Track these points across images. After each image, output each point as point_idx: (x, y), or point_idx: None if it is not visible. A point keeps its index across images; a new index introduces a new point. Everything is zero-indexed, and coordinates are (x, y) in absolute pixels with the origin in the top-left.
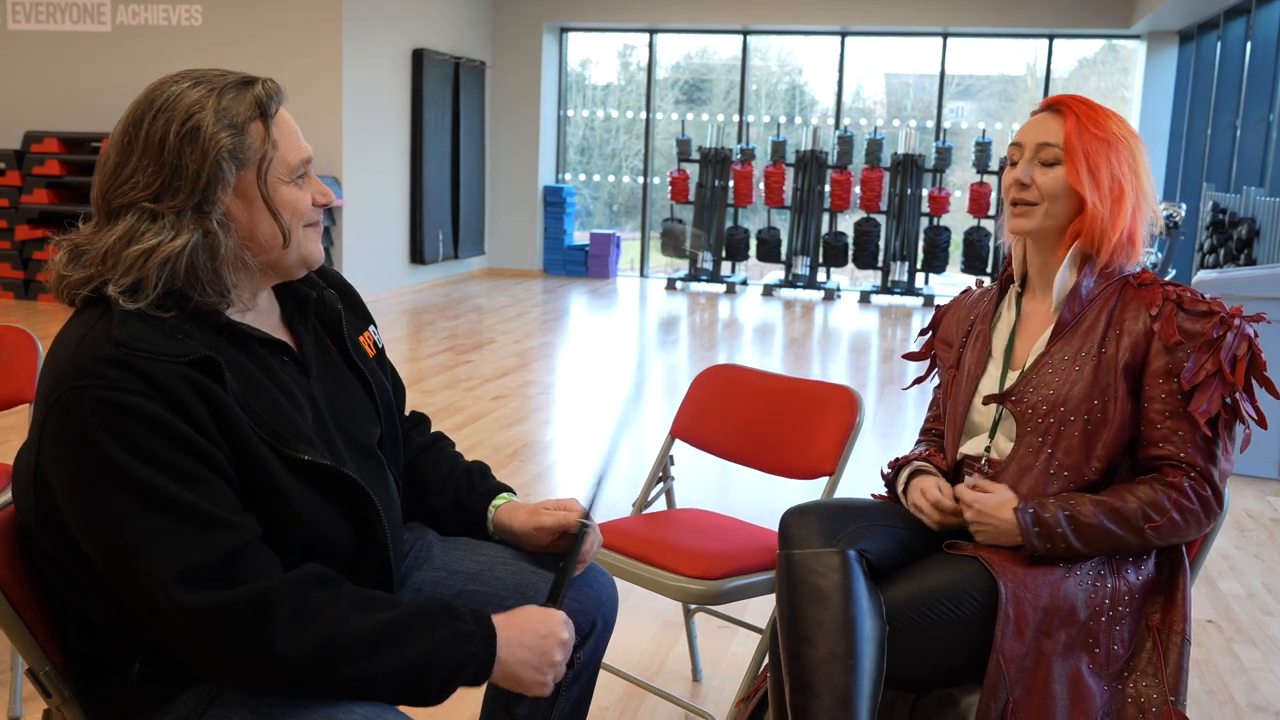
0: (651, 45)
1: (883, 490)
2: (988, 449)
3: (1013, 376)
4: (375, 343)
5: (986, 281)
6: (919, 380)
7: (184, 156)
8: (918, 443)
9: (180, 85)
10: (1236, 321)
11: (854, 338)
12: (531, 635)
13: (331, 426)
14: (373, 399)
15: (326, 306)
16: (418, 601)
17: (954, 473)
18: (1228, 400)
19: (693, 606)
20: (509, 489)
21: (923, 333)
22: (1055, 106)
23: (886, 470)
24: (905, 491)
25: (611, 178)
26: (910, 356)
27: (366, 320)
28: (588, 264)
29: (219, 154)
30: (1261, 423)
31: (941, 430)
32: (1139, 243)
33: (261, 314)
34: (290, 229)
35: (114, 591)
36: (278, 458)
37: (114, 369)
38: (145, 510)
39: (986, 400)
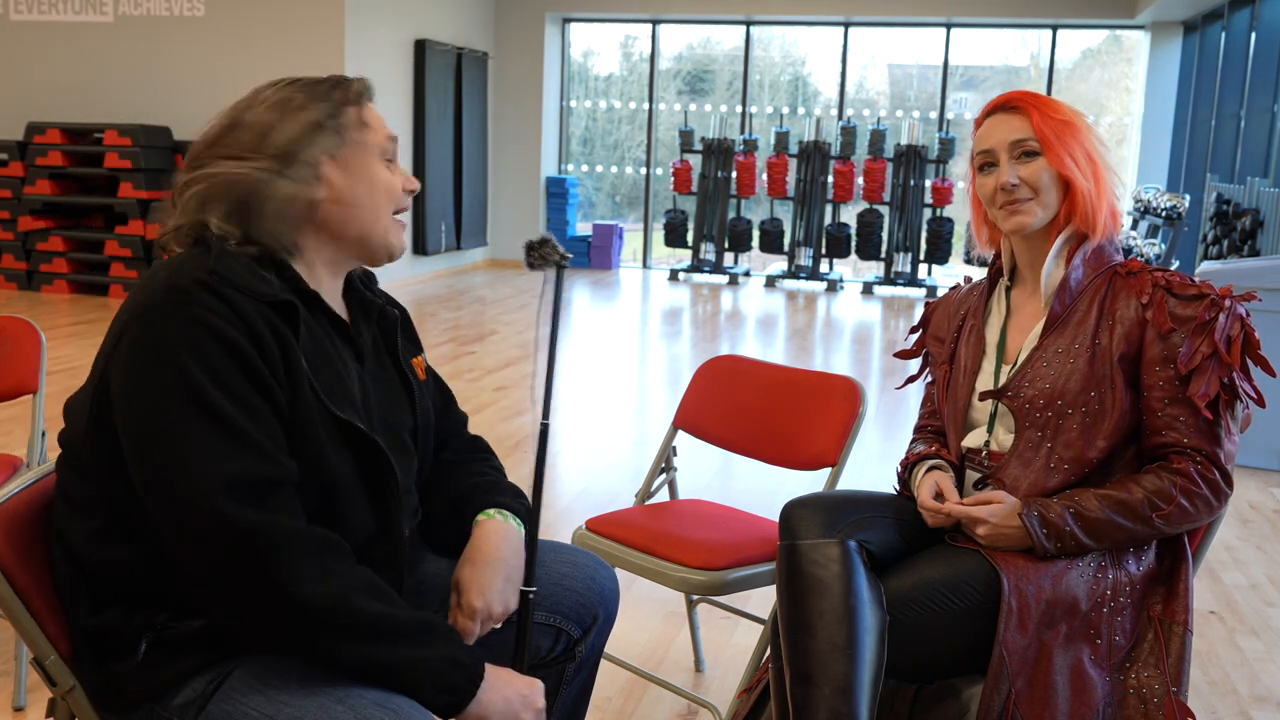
0: (654, 36)
1: (892, 486)
2: (986, 442)
3: (1006, 371)
4: (425, 369)
5: (975, 276)
6: (912, 379)
7: (284, 124)
8: (914, 441)
9: (277, 86)
10: (1227, 302)
11: (857, 329)
12: (515, 692)
13: (375, 413)
14: (413, 409)
15: (386, 317)
16: (427, 614)
17: (958, 468)
18: (1225, 381)
19: (695, 597)
20: (511, 509)
21: (913, 330)
22: (1008, 106)
23: (900, 470)
24: (918, 487)
25: (614, 169)
26: (901, 355)
27: (418, 347)
28: (590, 255)
29: (317, 124)
30: (1260, 401)
31: (937, 426)
32: (1119, 214)
33: (333, 301)
34: (381, 207)
35: (137, 540)
36: (322, 411)
37: (205, 292)
38: (204, 421)
39: (983, 396)
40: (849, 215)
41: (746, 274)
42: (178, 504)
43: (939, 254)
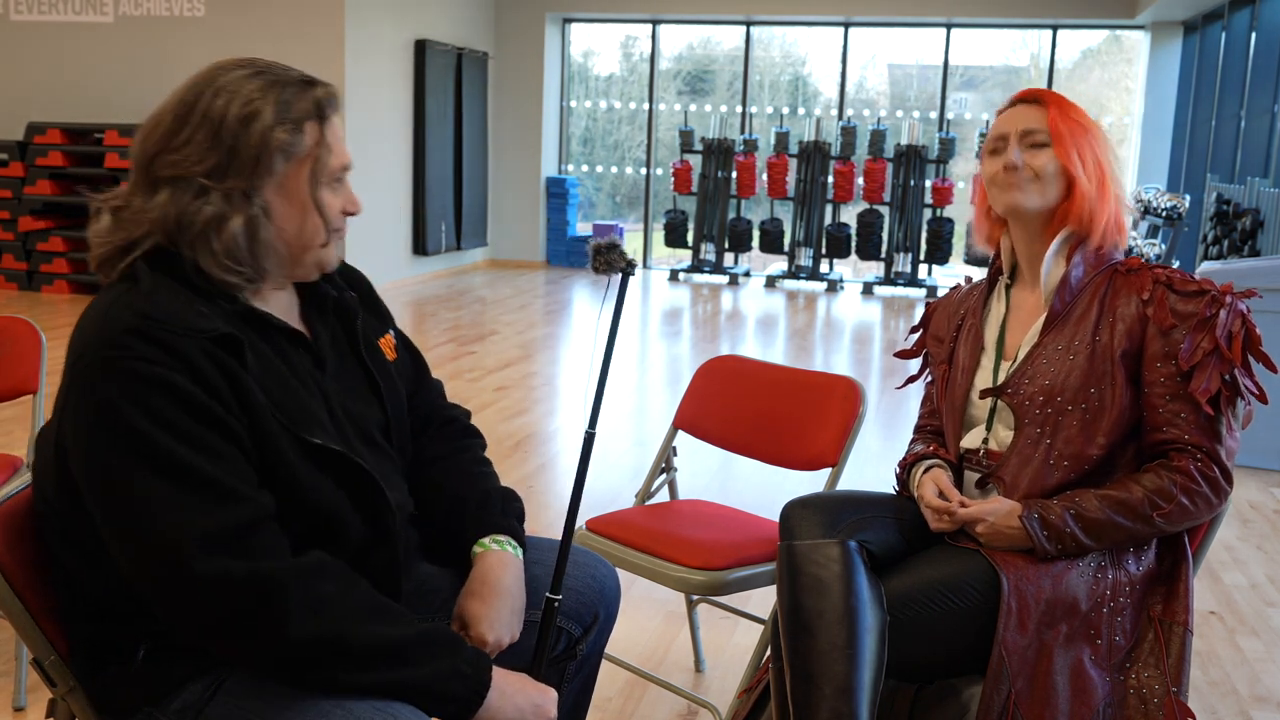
0: (654, 36)
1: (891, 486)
2: (985, 440)
3: (1005, 368)
4: (394, 347)
5: (976, 276)
6: (912, 379)
7: (240, 139)
8: (914, 441)
9: (242, 72)
10: (1228, 299)
11: (857, 329)
12: (526, 699)
13: (343, 419)
14: (381, 403)
15: (346, 308)
16: (428, 625)
17: (957, 467)
18: (1227, 377)
19: (695, 597)
20: (504, 531)
21: (914, 330)
22: (1032, 99)
23: (898, 470)
24: (919, 487)
25: (614, 169)
26: (902, 354)
27: (386, 323)
28: None
29: (275, 146)
30: (1262, 398)
31: (936, 426)
32: (1124, 226)
33: (281, 307)
34: (314, 234)
35: (116, 568)
36: (291, 439)
37: (138, 340)
38: (163, 478)
39: (983, 394)
40: (849, 215)
41: (746, 274)
42: (154, 572)
43: (939, 254)
